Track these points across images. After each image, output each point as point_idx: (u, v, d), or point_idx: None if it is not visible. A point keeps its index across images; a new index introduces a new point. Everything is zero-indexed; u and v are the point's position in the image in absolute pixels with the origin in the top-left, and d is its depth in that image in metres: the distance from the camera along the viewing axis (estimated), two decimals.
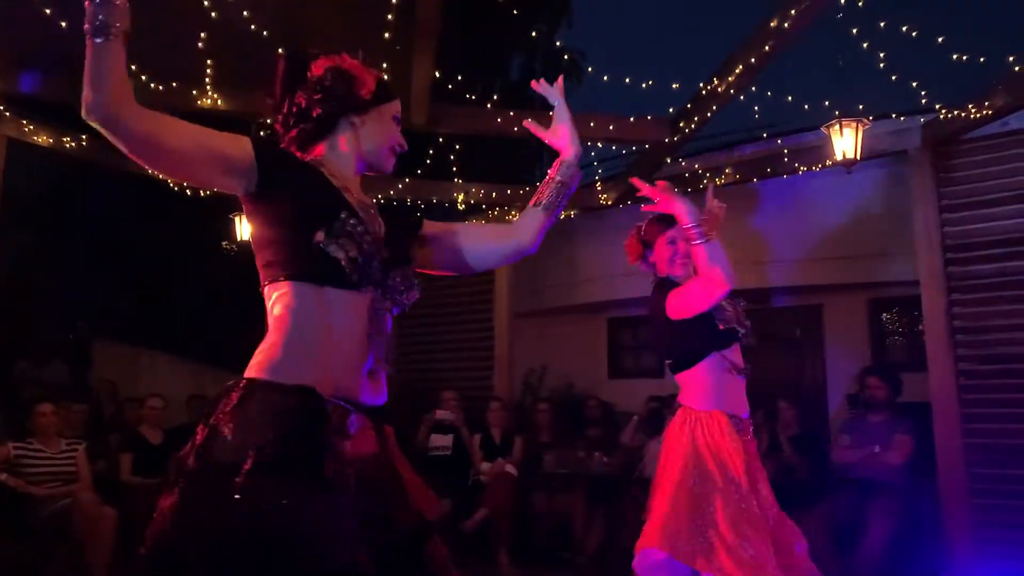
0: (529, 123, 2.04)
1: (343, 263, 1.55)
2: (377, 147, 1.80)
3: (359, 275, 1.58)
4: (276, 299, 1.59)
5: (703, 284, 2.81)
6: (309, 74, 1.74)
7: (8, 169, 5.40)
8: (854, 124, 4.32)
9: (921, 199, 5.29)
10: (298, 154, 1.75)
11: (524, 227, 1.88)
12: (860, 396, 5.59)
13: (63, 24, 3.86)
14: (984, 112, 4.72)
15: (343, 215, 1.58)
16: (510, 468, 6.29)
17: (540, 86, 2.00)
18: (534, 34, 9.26)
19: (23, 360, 7.85)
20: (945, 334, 5.13)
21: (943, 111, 4.70)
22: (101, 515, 4.87)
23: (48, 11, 3.84)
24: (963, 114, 4.65)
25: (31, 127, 5.43)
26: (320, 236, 1.54)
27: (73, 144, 5.63)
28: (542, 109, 2.03)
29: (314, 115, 1.72)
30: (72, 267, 8.88)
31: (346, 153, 1.76)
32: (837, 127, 4.35)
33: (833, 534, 4.93)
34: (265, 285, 1.62)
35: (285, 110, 1.75)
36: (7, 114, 5.21)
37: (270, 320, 1.59)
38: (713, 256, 2.75)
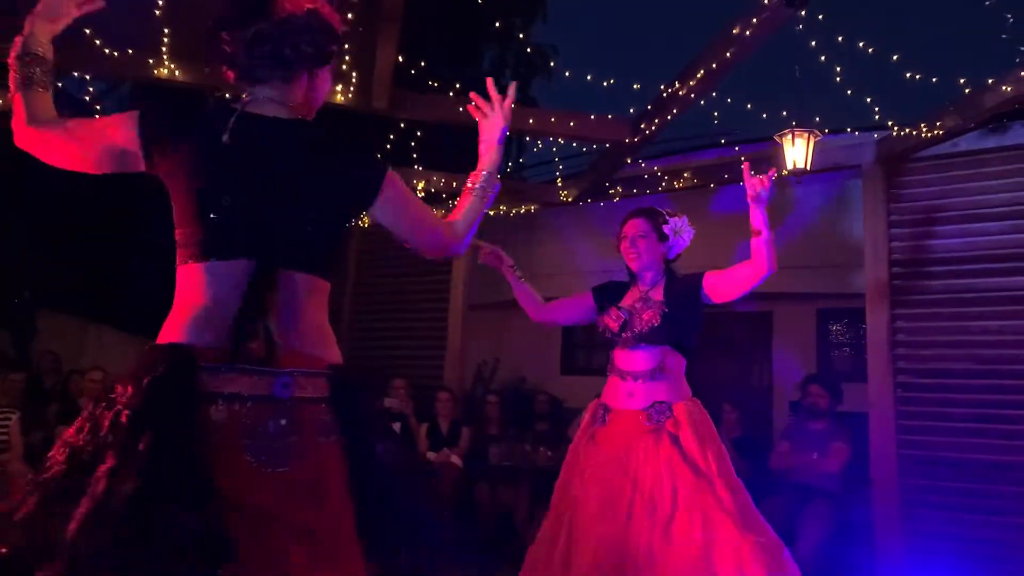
0: (475, 97, 2.01)
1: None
2: (319, 99, 1.76)
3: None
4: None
5: (756, 272, 2.86)
6: (278, 5, 1.57)
7: None
8: (806, 135, 4.39)
9: (871, 214, 5.40)
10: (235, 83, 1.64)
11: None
12: (802, 403, 5.70)
13: None
14: (936, 132, 4.83)
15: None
16: (455, 459, 6.30)
17: (490, 88, 1.99)
18: (497, 24, 9.19)
19: None
20: (886, 347, 5.25)
21: (895, 128, 4.80)
22: None
23: None
24: (915, 132, 4.75)
25: None
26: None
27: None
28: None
29: (292, 64, 1.61)
30: (16, 236, 8.63)
31: (300, 105, 1.68)
32: (789, 136, 4.42)
33: None
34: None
35: (250, 39, 1.56)
36: None
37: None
38: (770, 246, 2.84)
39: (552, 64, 12.14)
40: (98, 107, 5.61)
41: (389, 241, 1.85)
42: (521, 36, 10.60)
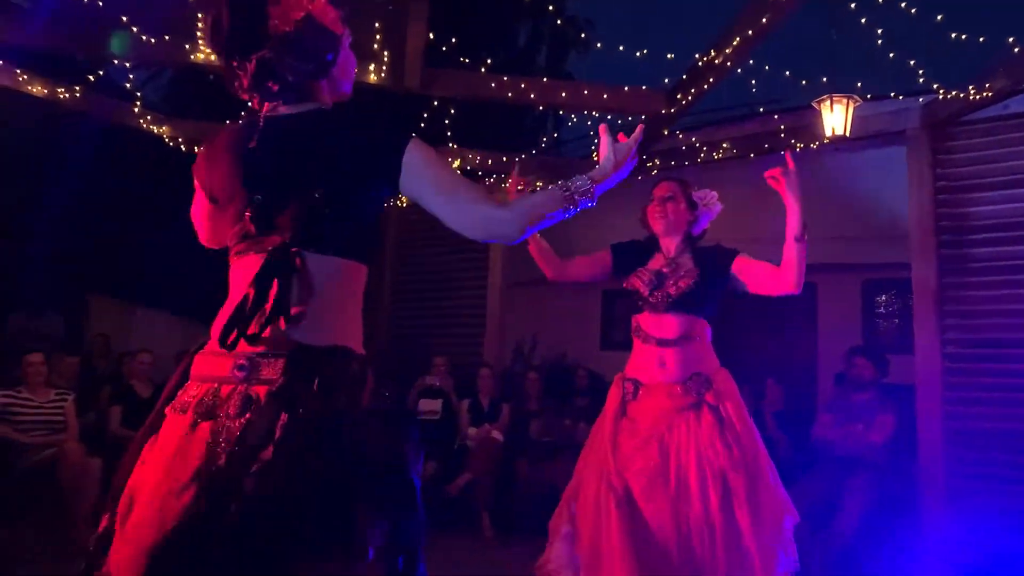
0: (604, 130, 1.86)
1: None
2: (345, 80, 1.73)
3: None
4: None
5: (779, 286, 2.78)
6: (270, 24, 1.55)
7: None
8: (845, 100, 4.28)
9: (916, 180, 5.26)
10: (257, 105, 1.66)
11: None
12: (847, 375, 5.60)
13: None
14: (984, 94, 4.67)
15: None
16: (496, 434, 6.34)
17: (604, 133, 1.83)
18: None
19: (17, 312, 7.87)
20: (934, 317, 5.13)
21: (941, 92, 4.65)
22: (87, 465, 4.93)
23: None
24: (961, 95, 4.60)
25: (25, 76, 5.40)
26: None
27: (67, 95, 5.60)
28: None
29: (304, 85, 1.61)
30: (65, 218, 8.85)
31: (324, 96, 1.67)
32: (828, 103, 4.31)
33: (809, 509, 4.98)
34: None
35: (254, 71, 1.57)
36: (1, 63, 5.18)
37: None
38: (802, 260, 2.71)
39: (585, 37, 11.97)
40: (139, 94, 5.73)
41: (427, 220, 1.74)
42: (551, 8, 10.44)
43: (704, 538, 2.64)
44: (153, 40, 4.62)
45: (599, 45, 5.19)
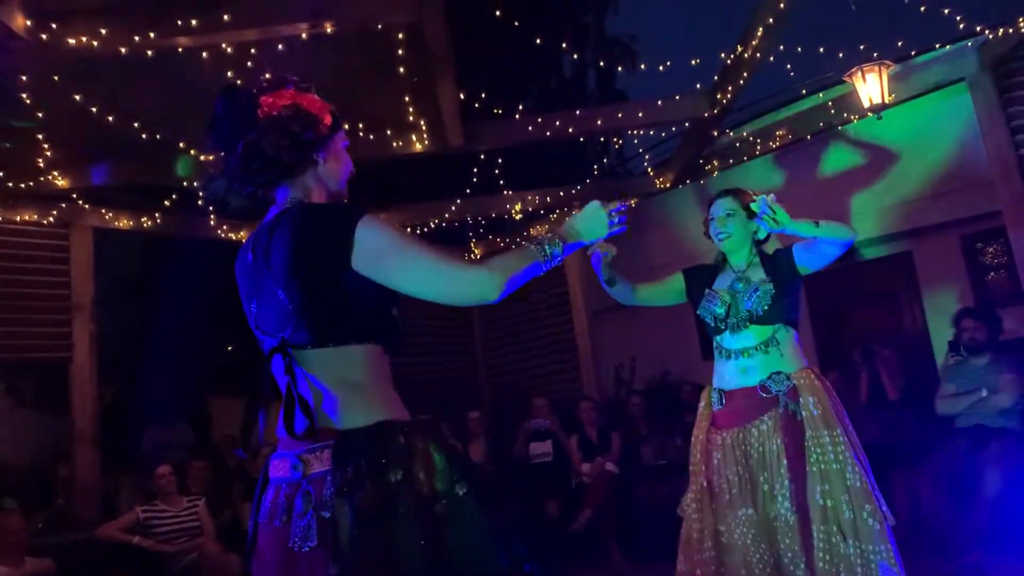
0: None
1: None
2: (337, 179, 1.76)
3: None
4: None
5: (837, 242, 2.70)
6: (260, 112, 1.64)
7: (99, 253, 5.88)
8: (876, 68, 4.13)
9: (989, 124, 5.00)
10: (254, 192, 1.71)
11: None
12: (959, 340, 5.30)
13: (109, 118, 4.16)
14: None
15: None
16: (610, 466, 6.30)
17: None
18: (564, 43, 9.14)
19: (151, 427, 8.40)
20: None
21: (988, 32, 4.43)
22: (227, 563, 5.19)
23: (94, 108, 4.16)
24: (1012, 31, 4.37)
25: (110, 214, 5.87)
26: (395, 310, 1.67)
27: (150, 222, 6.05)
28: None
29: (283, 161, 1.64)
30: (177, 333, 9.44)
31: (313, 192, 1.70)
32: (859, 74, 4.17)
33: (948, 488, 4.71)
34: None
35: (242, 153, 1.62)
36: (86, 207, 5.66)
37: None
38: (834, 226, 2.66)
39: (630, 54, 11.99)
40: (211, 208, 6.08)
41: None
42: (585, 28, 10.46)
43: (795, 550, 2.60)
44: (212, 157, 4.93)
45: (643, 66, 5.19)
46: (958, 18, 4.07)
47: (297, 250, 1.55)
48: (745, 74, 4.66)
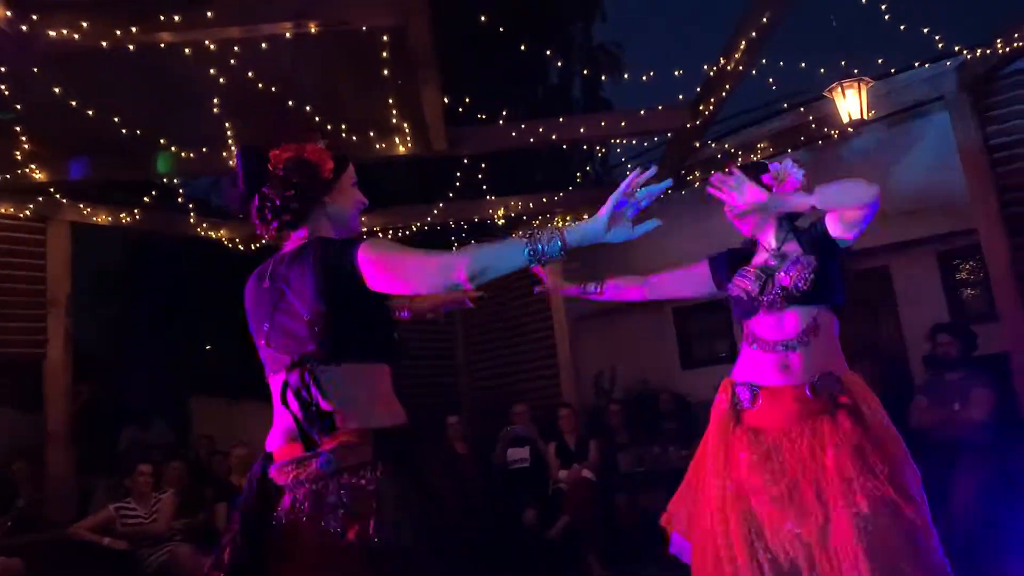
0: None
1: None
2: (347, 216, 1.99)
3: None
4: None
5: (861, 202, 2.34)
6: (269, 166, 1.91)
7: (78, 249, 5.82)
8: (856, 84, 4.18)
9: (966, 142, 5.06)
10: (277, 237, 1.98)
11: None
12: (934, 355, 5.35)
13: (89, 112, 4.13)
14: (1015, 44, 4.48)
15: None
16: (587, 473, 6.29)
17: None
18: (548, 53, 9.14)
19: (128, 426, 8.32)
20: (1011, 279, 4.88)
21: (966, 52, 4.50)
22: (198, 565, 5.13)
23: (73, 102, 4.13)
24: (988, 51, 4.43)
25: (88, 209, 5.82)
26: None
27: (128, 219, 6.01)
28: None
29: (291, 208, 1.90)
30: (156, 330, 9.39)
31: (323, 228, 1.95)
32: (839, 90, 4.22)
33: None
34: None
35: (257, 204, 1.92)
36: (64, 201, 5.61)
37: None
38: (835, 187, 2.35)
39: (615, 63, 12.04)
40: (191, 205, 6.07)
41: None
42: (572, 38, 10.50)
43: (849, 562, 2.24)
44: (192, 155, 4.92)
45: (626, 75, 5.22)
46: (937, 37, 4.13)
47: (317, 276, 1.79)
48: (727, 87, 4.70)
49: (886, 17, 3.86)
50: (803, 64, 4.39)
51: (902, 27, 3.86)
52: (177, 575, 5.12)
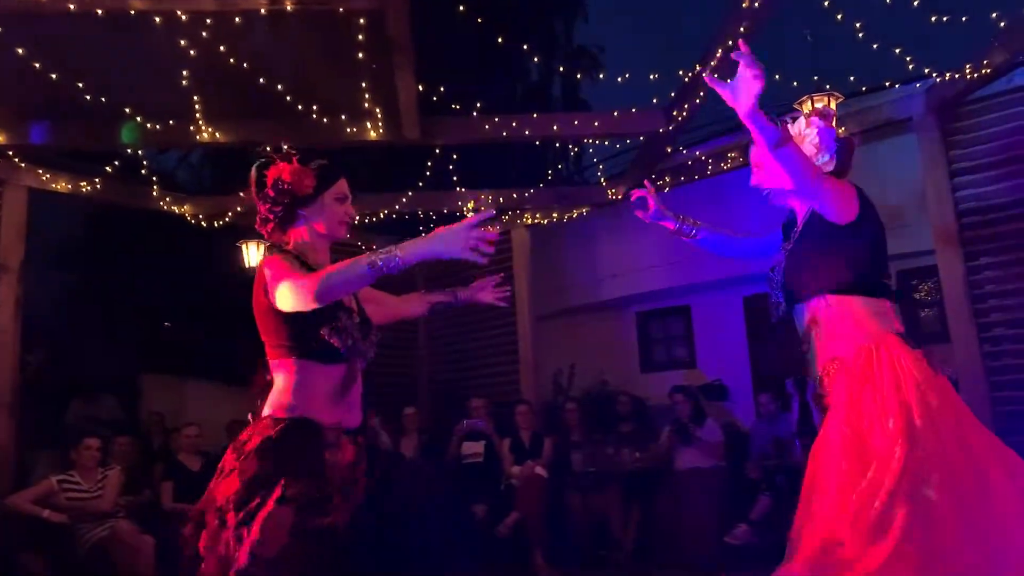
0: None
1: (342, 350, 2.12)
2: (329, 225, 2.25)
3: (350, 353, 2.15)
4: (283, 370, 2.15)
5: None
6: (267, 181, 2.19)
7: (34, 216, 5.67)
8: (825, 98, 4.24)
9: (930, 164, 5.16)
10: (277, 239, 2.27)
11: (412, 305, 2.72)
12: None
13: (53, 76, 4.03)
14: (984, 71, 4.58)
15: (340, 315, 2.13)
16: (539, 470, 6.31)
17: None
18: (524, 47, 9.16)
19: (77, 399, 8.13)
20: (966, 302, 4.99)
21: (936, 75, 4.58)
22: (140, 543, 5.05)
23: (37, 64, 4.02)
24: (957, 75, 4.52)
25: (48, 175, 5.67)
26: (324, 332, 2.10)
27: (89, 188, 5.86)
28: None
29: (272, 216, 2.21)
30: (110, 304, 9.19)
31: (308, 240, 2.24)
32: (808, 103, 4.27)
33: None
34: (274, 359, 2.16)
35: (259, 211, 2.24)
36: (23, 165, 5.45)
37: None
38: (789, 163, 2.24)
39: (594, 64, 12.06)
40: (154, 178, 5.94)
41: (451, 268, 1.92)
42: (554, 37, 10.51)
43: None
44: (159, 127, 4.82)
45: (601, 76, 5.22)
46: (908, 59, 4.19)
47: (255, 288, 2.16)
48: (702, 93, 4.73)
49: (860, 36, 3.91)
50: (777, 76, 4.42)
51: (874, 46, 3.91)
52: (116, 551, 5.02)
